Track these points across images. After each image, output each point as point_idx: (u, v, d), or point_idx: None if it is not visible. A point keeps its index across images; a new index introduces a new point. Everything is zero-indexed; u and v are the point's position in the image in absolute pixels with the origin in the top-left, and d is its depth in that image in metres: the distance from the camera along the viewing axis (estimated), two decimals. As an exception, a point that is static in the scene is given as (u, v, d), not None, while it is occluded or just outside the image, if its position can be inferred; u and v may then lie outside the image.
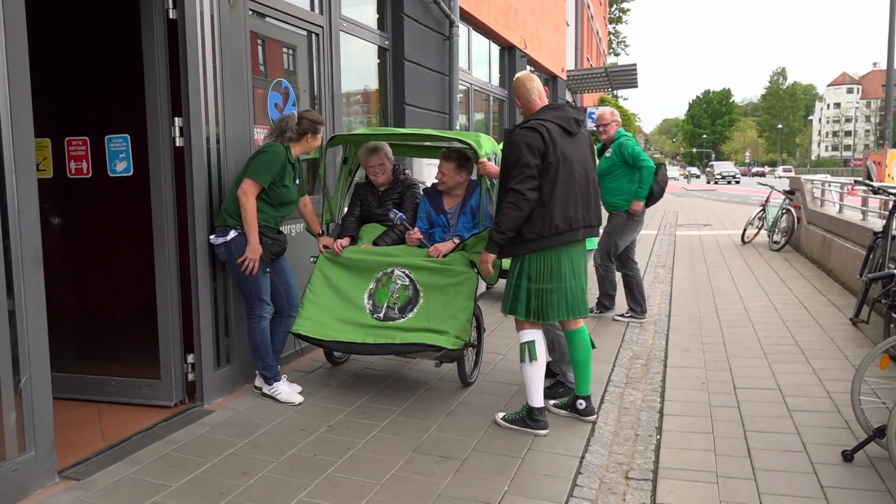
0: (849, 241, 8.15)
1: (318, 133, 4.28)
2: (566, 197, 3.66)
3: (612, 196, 6.30)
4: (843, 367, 4.98)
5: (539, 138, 3.60)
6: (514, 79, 3.96)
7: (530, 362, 3.82)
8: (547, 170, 3.62)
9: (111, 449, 3.59)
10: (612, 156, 6.26)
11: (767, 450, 3.65)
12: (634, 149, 6.16)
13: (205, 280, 4.15)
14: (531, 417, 3.84)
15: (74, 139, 3.92)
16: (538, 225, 3.64)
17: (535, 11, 13.40)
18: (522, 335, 3.87)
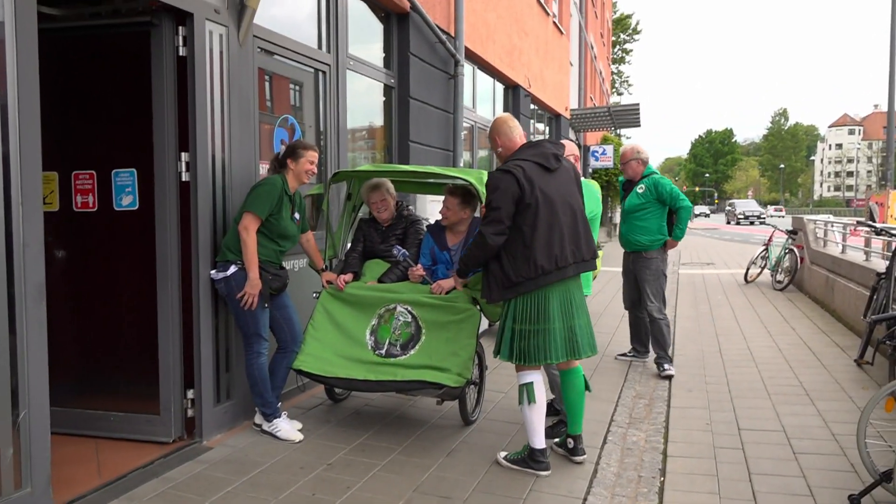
0: (852, 281, 8.13)
1: (300, 157, 4.20)
2: (549, 236, 3.63)
3: (639, 234, 5.98)
4: (849, 409, 4.92)
5: (513, 181, 3.58)
6: (494, 120, 3.97)
7: (529, 405, 3.78)
8: (526, 211, 3.60)
9: (108, 486, 3.55)
10: (646, 193, 5.91)
11: (773, 493, 3.60)
12: (673, 188, 5.88)
13: (206, 315, 4.15)
14: (533, 458, 3.80)
15: (81, 173, 3.96)
16: (524, 268, 3.61)
17: (539, 52, 13.60)
18: (521, 377, 3.83)
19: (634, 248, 6.04)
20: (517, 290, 3.66)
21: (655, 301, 5.97)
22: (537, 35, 13.49)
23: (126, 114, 3.98)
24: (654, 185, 5.88)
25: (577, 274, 3.78)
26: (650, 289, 5.97)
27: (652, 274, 5.97)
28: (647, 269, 5.98)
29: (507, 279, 3.66)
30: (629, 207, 5.97)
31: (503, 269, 3.66)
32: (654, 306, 5.96)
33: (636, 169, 5.97)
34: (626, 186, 6.15)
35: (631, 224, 6.00)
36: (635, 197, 5.97)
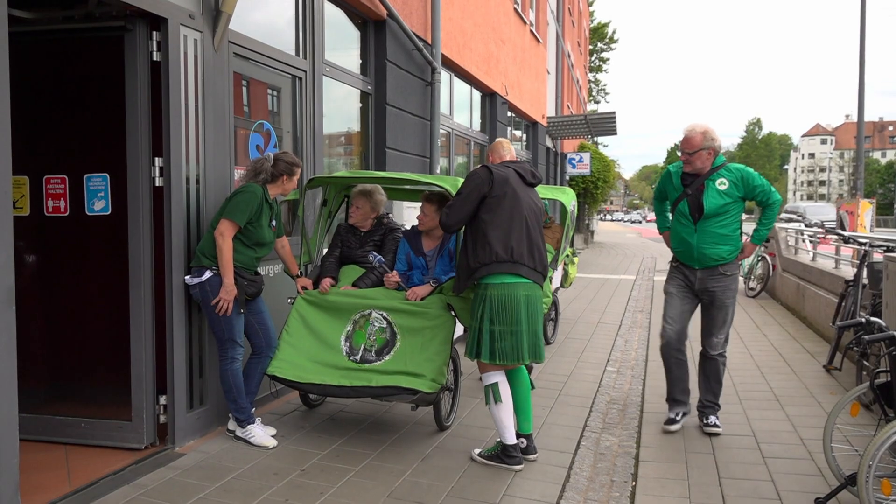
0: (822, 288, 8.27)
1: (294, 175, 4.31)
2: (509, 228, 3.82)
3: (721, 244, 4.47)
4: (817, 414, 5.01)
5: (487, 174, 3.87)
6: (496, 141, 4.29)
7: (496, 403, 3.91)
8: (492, 202, 3.83)
9: (77, 493, 3.51)
10: (731, 189, 4.43)
11: (742, 497, 3.65)
12: (764, 180, 4.53)
13: (180, 321, 4.12)
14: (506, 454, 3.93)
15: (53, 177, 3.92)
16: (481, 253, 3.81)
17: (516, 60, 13.70)
18: (487, 377, 3.96)
19: (712, 262, 4.51)
20: (475, 275, 3.84)
21: (721, 338, 4.71)
22: (514, 43, 13.59)
23: (99, 118, 3.95)
24: (741, 177, 4.44)
25: (535, 281, 3.90)
26: (728, 316, 4.64)
27: (734, 294, 4.62)
28: (729, 289, 4.56)
29: (467, 267, 3.88)
30: (709, 210, 4.43)
31: (467, 259, 3.88)
32: (722, 340, 4.71)
33: (706, 161, 4.48)
34: (686, 181, 4.57)
35: (708, 232, 4.46)
36: (716, 195, 4.44)
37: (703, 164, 4.48)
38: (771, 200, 4.50)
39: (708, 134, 4.43)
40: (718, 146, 4.47)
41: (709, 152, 4.44)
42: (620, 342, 7.60)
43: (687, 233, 4.53)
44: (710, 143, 4.42)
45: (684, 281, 4.67)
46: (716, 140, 4.44)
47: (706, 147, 4.43)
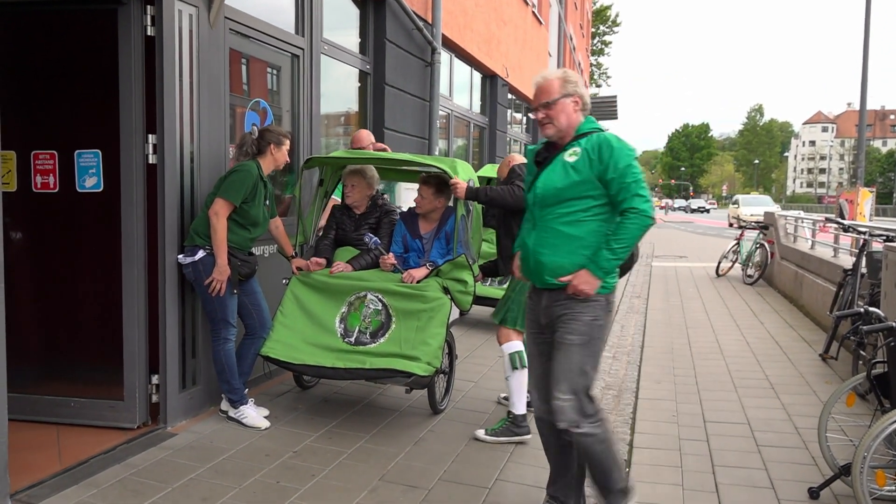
0: (820, 277, 8.25)
1: (283, 145, 4.23)
2: None
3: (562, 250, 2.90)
4: (812, 403, 5.00)
5: None
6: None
7: (521, 369, 4.03)
8: None
9: (68, 472, 3.49)
10: (581, 163, 2.87)
11: (735, 485, 3.64)
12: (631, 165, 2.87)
13: (173, 300, 4.09)
14: (516, 424, 4.07)
15: (42, 153, 3.83)
16: None
17: (517, 41, 13.57)
18: (511, 345, 4.10)
19: (551, 278, 2.92)
20: None
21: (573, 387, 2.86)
22: (516, 24, 13.45)
23: (91, 94, 3.87)
24: (598, 147, 2.85)
25: None
26: (573, 363, 2.88)
27: (586, 331, 2.88)
28: (577, 321, 2.88)
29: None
30: (544, 192, 2.93)
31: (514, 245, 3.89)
32: (568, 400, 2.85)
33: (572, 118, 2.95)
34: (541, 158, 3.06)
35: (547, 228, 2.94)
36: (559, 171, 2.91)
37: (569, 124, 2.93)
38: (627, 204, 2.80)
39: (569, 77, 2.98)
40: (586, 100, 3.00)
41: (574, 102, 2.93)
42: (617, 328, 7.58)
43: (525, 230, 3.06)
44: (573, 88, 2.93)
45: (533, 316, 3.11)
46: (579, 87, 2.96)
47: (570, 93, 2.92)
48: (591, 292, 2.82)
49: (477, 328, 7.17)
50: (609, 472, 2.93)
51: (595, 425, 2.88)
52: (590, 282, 2.81)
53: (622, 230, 2.79)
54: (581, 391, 2.86)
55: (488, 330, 7.14)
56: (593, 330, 2.87)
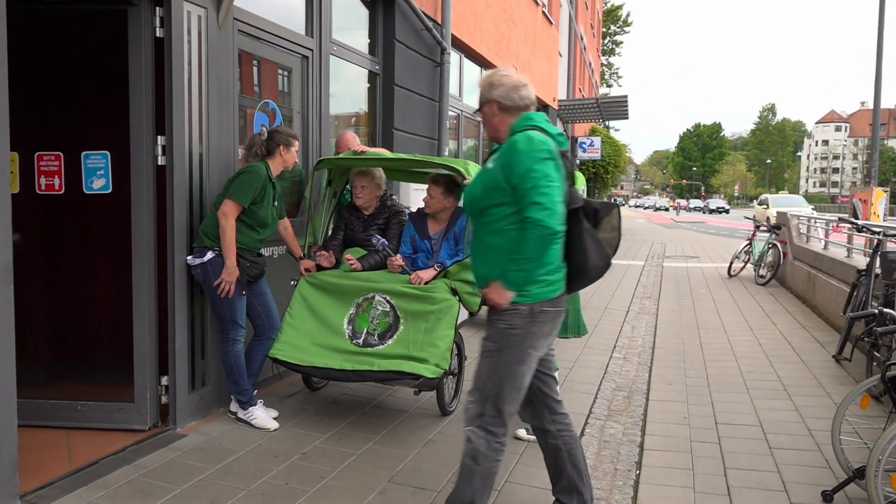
0: (833, 277, 8.17)
1: (292, 146, 4.24)
2: None
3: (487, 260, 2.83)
4: (825, 405, 4.95)
5: None
6: None
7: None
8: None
9: (77, 473, 3.50)
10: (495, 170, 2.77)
11: (747, 488, 3.61)
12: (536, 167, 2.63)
13: (182, 301, 4.09)
14: None
15: (46, 154, 3.81)
16: None
17: (527, 41, 13.54)
18: None
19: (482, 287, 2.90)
20: None
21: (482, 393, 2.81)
22: (526, 24, 13.42)
23: (99, 95, 3.88)
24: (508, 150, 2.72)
25: None
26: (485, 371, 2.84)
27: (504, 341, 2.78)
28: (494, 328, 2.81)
29: None
30: (466, 202, 2.99)
31: None
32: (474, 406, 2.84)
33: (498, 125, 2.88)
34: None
35: (477, 239, 2.91)
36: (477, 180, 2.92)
37: (494, 128, 2.88)
38: (524, 213, 2.61)
39: (494, 80, 2.83)
40: (507, 101, 2.80)
41: (489, 107, 2.84)
42: (627, 328, 7.54)
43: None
44: (488, 94, 2.82)
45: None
46: (504, 86, 2.79)
47: (487, 100, 2.84)
48: (502, 304, 2.73)
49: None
50: (463, 492, 2.80)
51: (484, 441, 2.77)
52: (500, 294, 2.71)
53: (522, 242, 2.62)
54: (489, 399, 2.78)
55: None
56: (506, 338, 2.76)
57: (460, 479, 2.84)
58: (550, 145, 2.69)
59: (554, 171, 2.64)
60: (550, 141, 2.72)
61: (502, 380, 2.76)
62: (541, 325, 2.77)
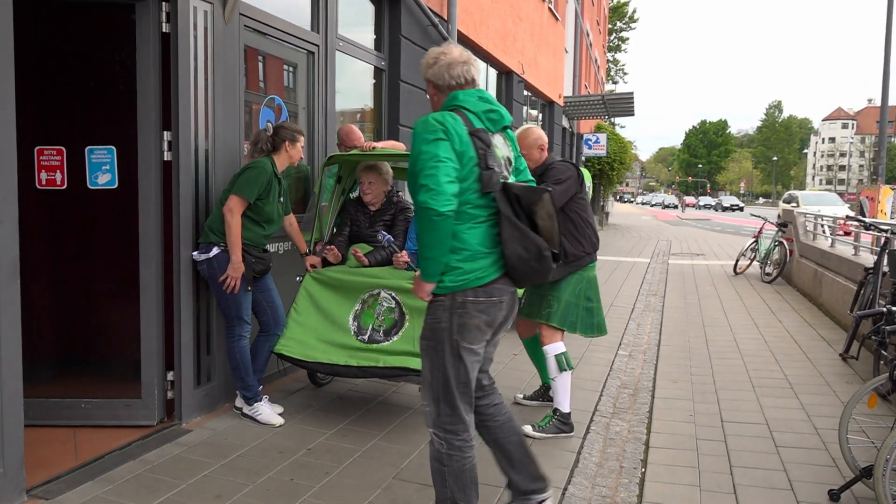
0: (840, 275, 8.14)
1: (297, 141, 4.22)
2: (591, 220, 4.31)
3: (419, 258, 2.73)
4: (832, 403, 4.93)
5: (576, 172, 4.23)
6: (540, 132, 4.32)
7: (568, 371, 4.20)
8: (580, 197, 4.24)
9: (84, 467, 3.51)
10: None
11: (753, 486, 3.59)
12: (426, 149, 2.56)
13: (187, 296, 4.09)
14: (564, 422, 4.18)
15: (47, 148, 3.75)
16: (585, 243, 4.21)
17: (533, 38, 13.49)
18: (556, 347, 4.19)
19: None
20: (581, 262, 4.19)
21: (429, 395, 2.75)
22: (532, 20, 13.38)
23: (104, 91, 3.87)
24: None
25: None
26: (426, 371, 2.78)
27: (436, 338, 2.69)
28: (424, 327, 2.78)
29: (568, 255, 4.13)
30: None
31: (564, 250, 4.06)
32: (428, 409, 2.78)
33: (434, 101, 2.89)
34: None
35: None
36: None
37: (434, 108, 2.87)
38: (415, 197, 2.56)
39: (429, 59, 2.82)
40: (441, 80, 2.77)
41: (428, 88, 2.87)
42: (633, 326, 7.53)
43: None
44: (424, 73, 2.85)
45: None
46: (437, 65, 2.76)
47: (426, 80, 2.87)
48: (423, 297, 2.68)
49: (492, 326, 7.12)
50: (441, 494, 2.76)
51: (444, 443, 2.70)
52: (420, 286, 2.67)
53: (419, 229, 2.55)
54: (440, 399, 2.69)
55: (503, 328, 7.11)
56: (436, 333, 2.67)
57: (434, 484, 2.78)
58: (450, 125, 2.55)
59: (445, 151, 2.51)
60: (458, 121, 2.59)
61: (446, 377, 2.66)
62: (468, 316, 2.62)
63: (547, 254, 2.62)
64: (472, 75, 2.76)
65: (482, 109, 2.68)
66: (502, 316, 2.73)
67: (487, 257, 2.63)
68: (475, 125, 2.63)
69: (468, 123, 2.61)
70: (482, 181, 2.59)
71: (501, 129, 2.77)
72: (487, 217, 2.63)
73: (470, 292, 2.60)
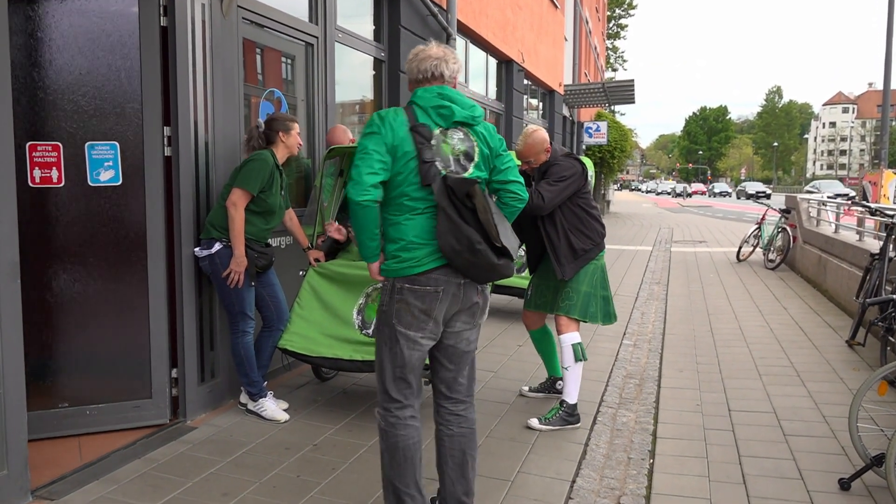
0: (845, 261, 8.10)
1: (291, 129, 4.15)
2: (596, 211, 4.28)
3: None
4: (840, 391, 4.90)
5: (581, 167, 4.19)
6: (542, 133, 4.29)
7: (583, 361, 4.21)
8: (586, 195, 4.22)
9: (88, 467, 3.48)
10: None
11: (763, 476, 3.57)
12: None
13: (190, 293, 4.06)
14: (570, 413, 4.16)
15: (40, 144, 3.66)
16: (593, 235, 4.21)
17: (533, 26, 13.40)
18: (571, 337, 4.18)
19: None
20: (589, 255, 4.18)
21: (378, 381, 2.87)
22: (531, 9, 13.28)
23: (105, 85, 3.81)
24: None
25: None
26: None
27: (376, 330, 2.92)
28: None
29: (577, 250, 4.15)
30: None
31: (572, 246, 4.14)
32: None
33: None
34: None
35: None
36: None
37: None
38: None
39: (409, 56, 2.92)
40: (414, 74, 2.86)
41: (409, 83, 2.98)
42: (637, 315, 7.49)
43: None
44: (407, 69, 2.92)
45: None
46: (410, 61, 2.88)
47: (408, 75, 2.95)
48: (373, 276, 2.84)
49: (496, 317, 7.11)
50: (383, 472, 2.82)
51: (381, 419, 2.80)
52: (371, 270, 2.85)
53: None
54: (379, 378, 2.82)
55: (508, 319, 7.08)
56: (380, 316, 2.81)
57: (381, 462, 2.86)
58: (388, 119, 2.67)
59: (373, 144, 2.62)
60: (399, 116, 2.69)
61: (382, 357, 2.79)
62: (403, 302, 2.70)
63: (480, 247, 2.61)
64: (442, 71, 2.79)
65: (432, 105, 2.73)
66: (444, 306, 2.74)
67: (423, 248, 2.69)
68: (419, 120, 2.70)
69: (412, 118, 2.70)
70: (420, 174, 2.65)
71: (461, 124, 2.77)
72: (426, 209, 2.69)
73: (406, 280, 2.70)
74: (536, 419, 4.15)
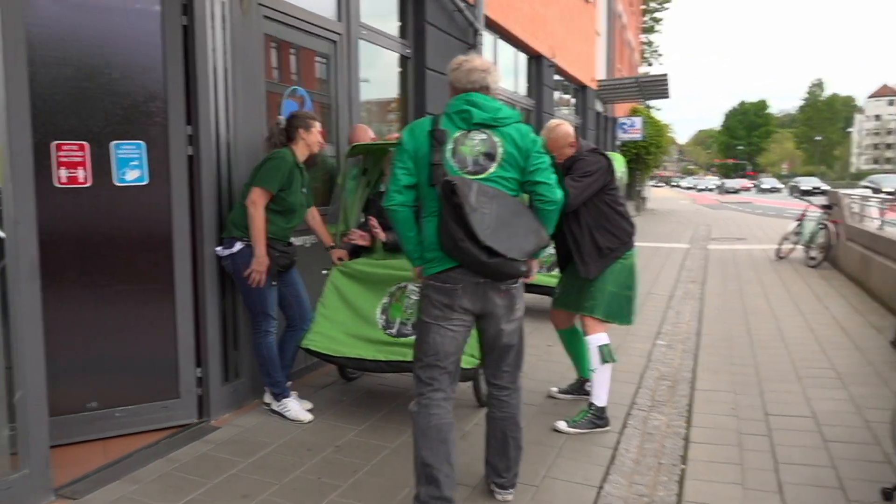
0: (890, 258, 7.80)
1: (312, 127, 4.11)
2: (625, 208, 4.16)
3: None
4: (883, 395, 4.69)
5: (606, 162, 4.08)
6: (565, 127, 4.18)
7: (611, 363, 4.08)
8: (613, 192, 4.10)
9: (111, 466, 3.49)
10: None
11: (800, 484, 3.41)
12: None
13: (213, 292, 4.05)
14: (600, 417, 4.06)
15: (66, 143, 3.64)
16: (620, 233, 4.09)
17: (563, 20, 13.23)
18: (599, 338, 4.07)
19: None
20: (615, 253, 4.06)
21: None
22: (561, 3, 13.11)
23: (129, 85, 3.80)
24: None
25: None
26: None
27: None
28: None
29: (602, 248, 4.03)
30: None
31: (597, 244, 4.01)
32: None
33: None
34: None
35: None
36: None
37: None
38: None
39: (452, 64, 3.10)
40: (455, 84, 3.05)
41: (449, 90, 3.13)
42: (672, 314, 7.31)
43: None
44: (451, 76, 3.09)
45: None
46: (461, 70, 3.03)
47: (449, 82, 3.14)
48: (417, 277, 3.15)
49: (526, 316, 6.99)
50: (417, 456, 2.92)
51: (415, 403, 2.97)
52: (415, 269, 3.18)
53: None
54: (417, 367, 3.01)
55: (538, 318, 6.97)
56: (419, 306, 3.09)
57: None
58: (414, 129, 2.92)
59: (400, 154, 2.90)
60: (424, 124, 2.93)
61: (417, 346, 3.02)
62: (430, 298, 2.95)
63: (463, 244, 2.71)
64: (489, 83, 2.98)
65: (455, 110, 2.92)
66: (465, 301, 2.91)
67: (439, 249, 2.88)
68: (441, 126, 2.89)
69: (435, 124, 2.91)
70: (430, 176, 2.85)
71: (484, 126, 2.90)
72: (439, 210, 2.84)
73: (431, 278, 2.94)
74: (564, 422, 4.05)
